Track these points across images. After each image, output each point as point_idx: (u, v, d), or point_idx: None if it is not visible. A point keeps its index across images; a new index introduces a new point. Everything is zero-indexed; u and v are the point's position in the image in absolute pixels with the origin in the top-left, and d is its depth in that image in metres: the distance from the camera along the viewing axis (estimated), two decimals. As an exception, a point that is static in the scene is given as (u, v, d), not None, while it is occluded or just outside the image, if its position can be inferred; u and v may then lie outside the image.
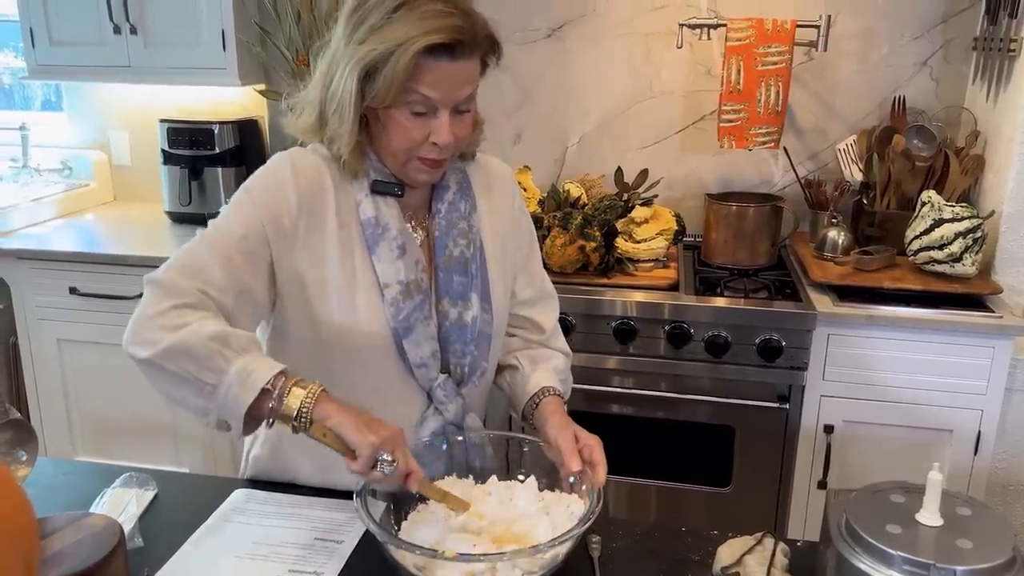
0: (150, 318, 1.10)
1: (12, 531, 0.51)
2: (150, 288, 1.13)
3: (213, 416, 1.09)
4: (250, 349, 1.09)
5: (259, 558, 1.15)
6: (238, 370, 1.06)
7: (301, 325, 1.23)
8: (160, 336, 1.08)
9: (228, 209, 1.20)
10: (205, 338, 1.07)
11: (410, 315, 1.23)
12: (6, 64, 3.39)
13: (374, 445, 1.04)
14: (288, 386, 1.07)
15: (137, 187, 3.15)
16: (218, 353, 1.06)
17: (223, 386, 1.06)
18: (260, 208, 1.18)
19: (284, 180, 1.19)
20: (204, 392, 1.07)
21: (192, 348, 1.06)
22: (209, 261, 1.15)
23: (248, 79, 2.72)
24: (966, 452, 2.14)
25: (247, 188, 1.21)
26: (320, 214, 1.21)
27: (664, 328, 2.17)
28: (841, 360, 2.13)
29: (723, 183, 2.69)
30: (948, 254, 2.15)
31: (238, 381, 1.06)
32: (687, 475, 2.29)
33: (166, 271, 1.14)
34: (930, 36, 2.49)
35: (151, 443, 2.66)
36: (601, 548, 1.19)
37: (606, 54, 2.67)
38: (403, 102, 1.15)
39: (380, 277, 1.22)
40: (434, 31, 1.10)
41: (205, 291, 1.13)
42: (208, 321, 1.09)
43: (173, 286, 1.12)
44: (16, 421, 1.23)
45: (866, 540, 0.96)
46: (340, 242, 1.22)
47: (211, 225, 1.20)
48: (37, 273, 2.58)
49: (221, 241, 1.17)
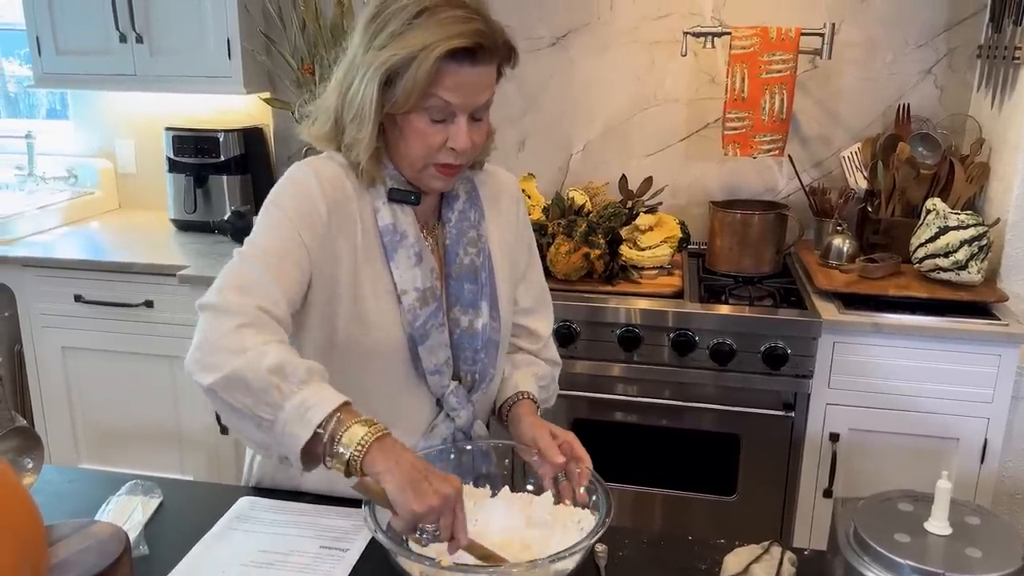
0: (212, 342, 1.07)
1: (23, 540, 0.51)
2: (207, 313, 1.10)
3: (274, 451, 1.07)
4: (310, 381, 1.05)
5: (265, 566, 1.14)
6: (295, 406, 1.02)
7: (322, 329, 1.23)
8: (222, 361, 1.05)
9: (262, 226, 1.18)
10: (264, 371, 1.03)
11: (426, 322, 1.23)
12: (12, 72, 3.41)
13: (419, 516, 0.98)
14: (341, 430, 1.02)
15: (142, 195, 3.16)
16: (275, 388, 1.03)
17: (279, 423, 1.03)
18: (296, 221, 1.17)
19: (312, 190, 1.19)
20: (263, 427, 1.05)
21: (249, 381, 1.03)
22: (260, 277, 1.13)
23: (253, 87, 2.72)
24: (972, 460, 2.13)
25: (277, 204, 1.19)
26: (347, 221, 1.21)
27: (669, 336, 2.16)
28: (846, 368, 2.13)
29: (727, 191, 2.69)
30: (953, 262, 2.14)
31: (295, 418, 1.02)
32: (692, 484, 2.28)
33: (219, 293, 1.11)
34: (934, 44, 2.49)
35: (156, 451, 2.66)
36: (607, 557, 1.18)
37: (610, 62, 2.68)
38: (422, 108, 1.15)
39: (398, 284, 1.22)
40: (456, 36, 1.10)
41: (262, 307, 1.10)
42: (269, 347, 1.06)
43: (230, 307, 1.09)
44: (22, 428, 1.23)
45: (874, 549, 0.96)
46: (364, 249, 1.22)
47: (248, 244, 1.17)
48: (42, 281, 2.58)
49: (266, 257, 1.15)
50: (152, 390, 2.59)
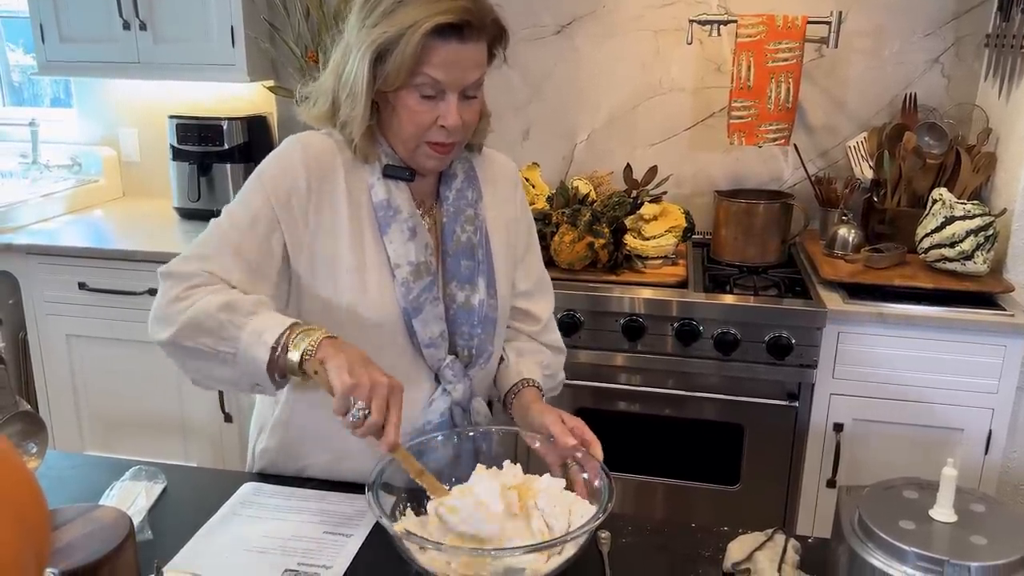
0: (164, 304, 1.15)
1: (26, 520, 0.51)
2: (161, 280, 1.18)
3: (244, 382, 1.12)
4: (258, 311, 1.12)
5: (268, 551, 1.14)
6: (250, 333, 1.09)
7: (313, 303, 1.25)
8: (176, 315, 1.12)
9: (240, 194, 1.24)
10: (214, 310, 1.10)
11: (420, 295, 1.25)
12: (16, 61, 3.40)
13: (348, 386, 1.02)
14: (293, 337, 1.08)
15: (146, 183, 3.16)
16: (228, 322, 1.10)
17: (239, 352, 1.09)
18: (270, 190, 1.21)
19: (293, 160, 1.23)
20: (227, 362, 1.11)
21: (203, 322, 1.10)
22: (217, 250, 1.19)
23: (257, 75, 2.72)
24: (977, 451, 2.12)
25: (258, 171, 1.24)
26: (330, 193, 1.23)
27: (673, 325, 2.16)
28: (851, 358, 2.12)
29: (733, 180, 2.68)
30: (959, 252, 2.14)
31: (252, 344, 1.09)
32: (695, 473, 2.28)
33: (177, 262, 1.19)
34: (942, 33, 2.48)
35: (160, 437, 2.66)
36: (611, 544, 1.18)
37: (615, 51, 2.66)
38: (412, 85, 1.17)
39: (391, 258, 1.24)
40: (442, 12, 1.12)
41: (212, 271, 1.17)
42: (214, 294, 1.13)
43: (181, 272, 1.17)
44: (26, 413, 1.23)
45: (879, 536, 0.95)
46: (351, 222, 1.24)
47: (224, 211, 1.23)
48: (46, 268, 2.58)
49: (231, 229, 1.21)
50: (156, 377, 2.59)
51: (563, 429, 1.21)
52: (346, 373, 1.03)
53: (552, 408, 1.28)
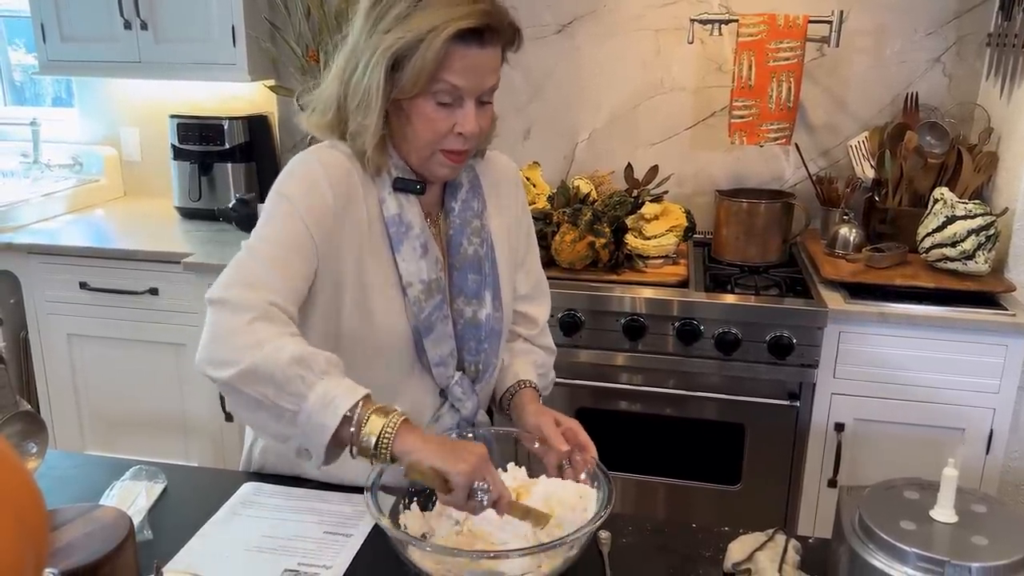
0: (225, 337, 1.06)
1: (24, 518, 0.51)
2: (217, 308, 1.08)
3: (295, 442, 1.05)
4: (330, 372, 1.04)
5: (268, 551, 1.14)
6: (319, 396, 1.01)
7: (327, 321, 1.21)
8: (238, 356, 1.03)
9: (269, 217, 1.16)
10: (285, 362, 1.02)
11: (431, 314, 1.22)
12: (18, 61, 3.40)
13: (468, 475, 0.99)
14: (367, 414, 1.01)
15: (147, 182, 3.16)
16: (298, 378, 1.01)
17: (303, 413, 1.01)
18: (304, 212, 1.14)
19: (318, 180, 1.16)
20: (284, 418, 1.03)
21: (270, 372, 1.02)
22: (266, 272, 1.11)
23: (258, 74, 2.72)
24: (978, 451, 2.12)
25: (284, 195, 1.17)
26: (354, 211, 1.19)
27: (674, 325, 2.16)
28: (852, 358, 2.12)
29: (734, 179, 2.67)
30: (961, 251, 2.13)
31: (319, 408, 1.01)
32: (696, 473, 2.28)
33: (227, 288, 1.09)
34: (943, 32, 2.47)
35: (160, 437, 2.66)
36: (611, 544, 1.18)
37: (616, 50, 2.66)
38: (430, 92, 1.13)
39: (403, 276, 1.21)
40: (464, 16, 1.09)
41: (271, 301, 1.08)
42: (286, 339, 1.05)
43: (240, 302, 1.07)
44: (26, 413, 1.23)
45: (880, 536, 0.95)
46: (370, 240, 1.20)
47: (255, 237, 1.16)
48: (47, 268, 2.58)
49: (273, 251, 1.13)
50: (157, 377, 2.59)
51: (556, 432, 1.20)
52: (460, 462, 0.99)
53: (547, 410, 1.27)
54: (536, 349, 1.45)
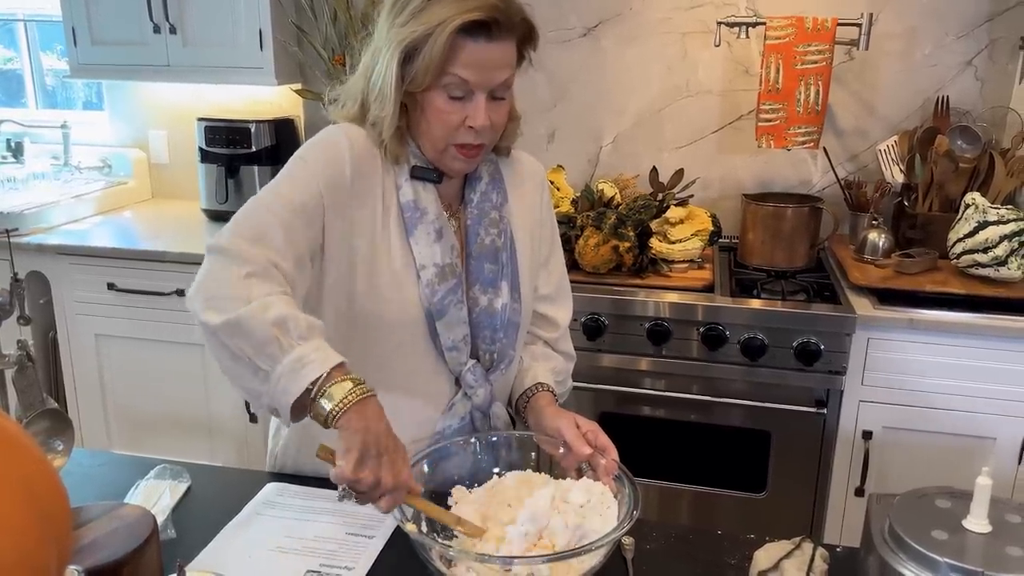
0: (219, 285, 1.08)
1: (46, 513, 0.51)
2: (217, 255, 1.10)
3: (265, 401, 1.06)
4: (309, 337, 1.04)
5: (290, 552, 1.14)
6: (292, 360, 1.02)
7: (339, 298, 1.23)
8: (226, 305, 1.05)
9: (285, 176, 1.19)
10: (267, 322, 1.03)
11: (444, 298, 1.23)
12: (50, 65, 3.46)
13: (343, 478, 0.98)
14: (327, 386, 1.01)
15: (174, 185, 3.19)
16: (275, 339, 1.02)
17: (274, 375, 1.02)
18: (319, 176, 1.17)
19: (340, 150, 1.19)
20: (259, 376, 1.04)
21: (252, 329, 1.03)
22: (272, 228, 1.12)
23: (284, 78, 2.73)
24: (1009, 461, 2.08)
25: (303, 157, 1.20)
26: (370, 188, 1.22)
27: (699, 330, 2.14)
28: (881, 365, 2.09)
29: (761, 183, 2.65)
30: (992, 257, 2.09)
31: (290, 371, 1.02)
32: (721, 480, 2.25)
33: (231, 238, 1.11)
34: (975, 35, 2.44)
35: (186, 437, 2.68)
36: (634, 549, 1.17)
37: (642, 53, 2.65)
38: (440, 85, 1.16)
39: (417, 259, 1.23)
40: (471, 9, 1.11)
41: (271, 259, 1.10)
42: (274, 298, 1.05)
43: (241, 254, 1.09)
44: (53, 411, 1.24)
45: (911, 546, 0.93)
46: (383, 220, 1.23)
47: (266, 191, 1.18)
48: (76, 269, 2.62)
49: (281, 207, 1.14)
50: (183, 377, 2.61)
51: (577, 435, 1.20)
52: (354, 464, 0.98)
53: (566, 412, 1.27)
54: (556, 355, 1.45)
